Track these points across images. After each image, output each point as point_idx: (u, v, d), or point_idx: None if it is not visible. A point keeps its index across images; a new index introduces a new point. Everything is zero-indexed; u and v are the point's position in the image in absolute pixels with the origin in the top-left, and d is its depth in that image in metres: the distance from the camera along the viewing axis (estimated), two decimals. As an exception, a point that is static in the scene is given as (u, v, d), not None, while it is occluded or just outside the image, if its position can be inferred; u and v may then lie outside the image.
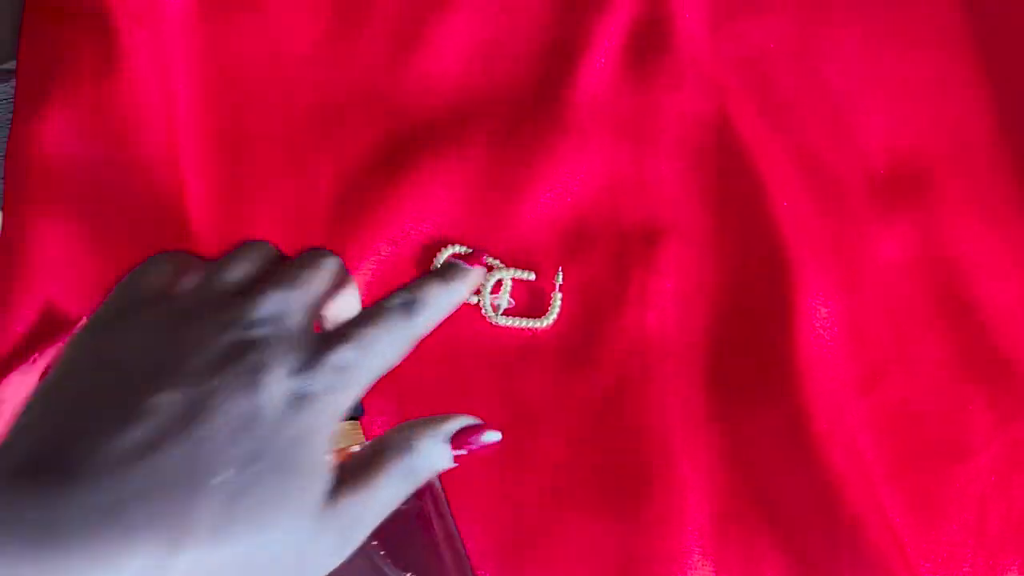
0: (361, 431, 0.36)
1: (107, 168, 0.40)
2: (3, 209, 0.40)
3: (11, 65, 0.44)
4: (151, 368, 0.24)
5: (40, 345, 0.37)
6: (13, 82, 0.43)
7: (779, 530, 0.40)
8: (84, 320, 0.30)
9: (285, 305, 0.26)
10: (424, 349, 0.35)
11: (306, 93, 0.45)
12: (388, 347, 0.27)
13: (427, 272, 0.30)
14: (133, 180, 0.40)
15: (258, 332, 0.25)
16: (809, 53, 0.46)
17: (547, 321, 0.42)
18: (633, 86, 0.46)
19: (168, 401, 0.23)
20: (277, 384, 0.24)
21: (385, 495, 0.26)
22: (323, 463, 0.25)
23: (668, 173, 0.44)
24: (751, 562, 0.40)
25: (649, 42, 0.46)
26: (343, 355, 0.25)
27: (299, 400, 0.25)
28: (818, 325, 0.41)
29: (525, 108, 0.45)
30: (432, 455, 0.27)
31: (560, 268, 0.43)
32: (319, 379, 0.25)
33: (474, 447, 0.27)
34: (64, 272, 0.39)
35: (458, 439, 0.27)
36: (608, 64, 0.46)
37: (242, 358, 0.24)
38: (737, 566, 0.40)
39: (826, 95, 0.45)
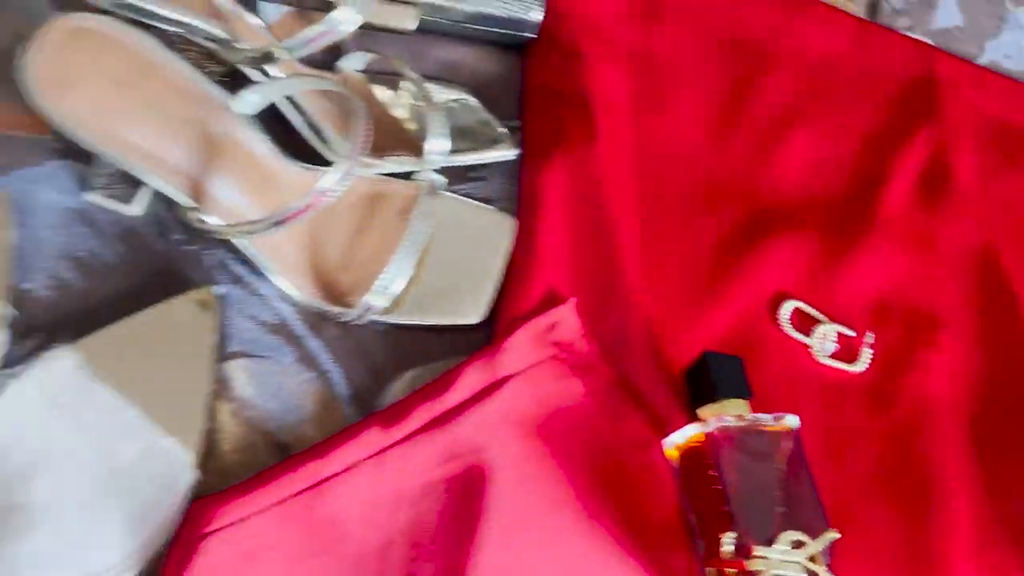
0: (747, 408, 0.50)
1: (586, 204, 0.56)
2: (518, 218, 0.56)
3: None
4: None
5: (540, 312, 0.52)
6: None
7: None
8: None
9: None
10: (768, 373, 0.51)
11: (697, 172, 0.61)
12: None
13: None
14: (606, 216, 0.56)
15: None
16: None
17: (858, 367, 0.57)
18: (922, 210, 0.62)
19: None
20: None
21: None
22: None
23: (947, 278, 0.60)
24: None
25: (935, 180, 0.63)
26: None
27: None
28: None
29: (846, 209, 0.61)
30: None
31: (869, 331, 0.58)
32: None
33: None
34: (559, 265, 0.54)
35: None
36: (904, 190, 0.62)
37: None
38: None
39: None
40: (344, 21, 0.49)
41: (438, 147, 0.54)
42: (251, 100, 0.49)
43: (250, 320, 0.49)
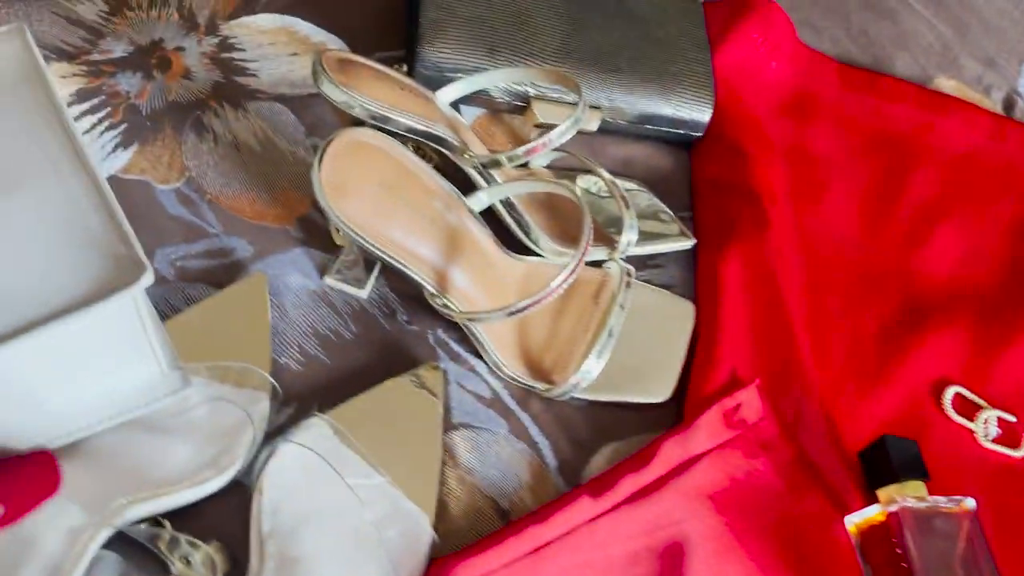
0: (926, 491, 0.54)
1: (760, 289, 0.61)
2: (698, 303, 0.61)
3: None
4: None
5: (726, 393, 0.56)
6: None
7: None
8: None
9: None
10: (936, 455, 0.54)
11: (853, 260, 0.66)
12: None
13: None
14: (780, 301, 0.61)
15: None
16: None
17: (1021, 452, 0.60)
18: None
19: None
20: None
21: None
22: None
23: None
24: None
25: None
26: None
27: None
28: None
29: (998, 297, 0.66)
30: None
31: (1031, 417, 0.61)
32: None
33: None
34: (740, 347, 0.59)
35: None
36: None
37: None
38: None
39: None
40: (562, 135, 0.56)
41: (630, 239, 0.59)
42: (482, 199, 0.55)
43: (468, 394, 0.55)
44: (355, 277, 0.57)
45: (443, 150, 0.58)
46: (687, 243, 0.64)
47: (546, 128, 0.60)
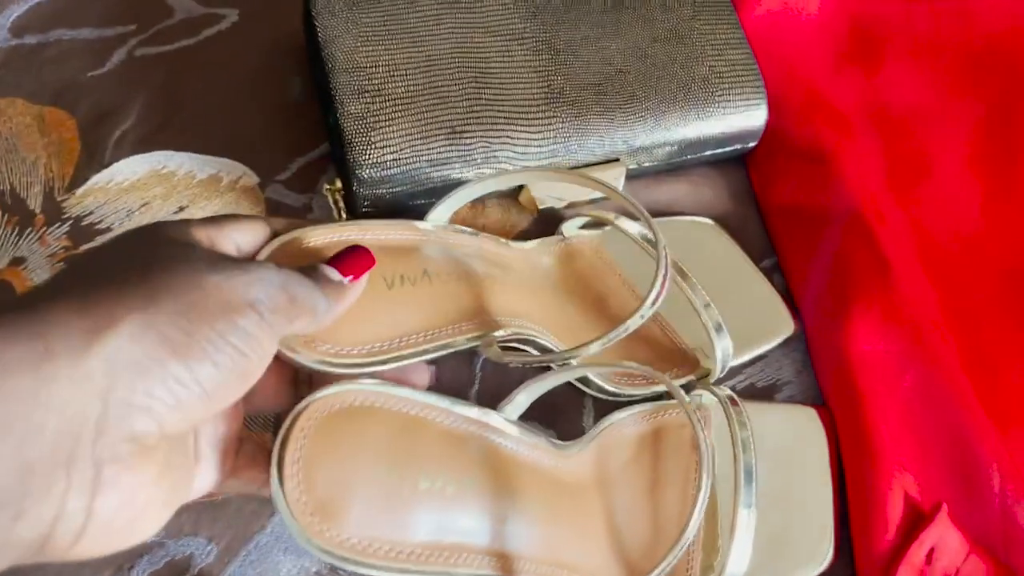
0: None
1: (910, 364, 0.44)
2: (827, 402, 0.44)
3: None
4: None
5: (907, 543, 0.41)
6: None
7: None
8: None
9: None
10: None
11: (988, 254, 0.48)
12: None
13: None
14: (939, 374, 0.44)
15: None
16: None
17: None
18: None
19: None
20: None
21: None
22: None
23: None
24: None
25: None
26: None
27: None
28: None
29: None
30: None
31: None
32: None
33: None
34: (904, 458, 0.43)
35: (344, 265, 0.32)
36: None
37: None
38: None
39: None
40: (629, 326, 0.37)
41: (723, 353, 0.42)
42: (520, 401, 0.38)
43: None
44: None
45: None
46: (790, 327, 0.47)
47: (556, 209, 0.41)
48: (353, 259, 0.33)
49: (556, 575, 0.37)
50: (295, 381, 0.35)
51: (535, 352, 0.42)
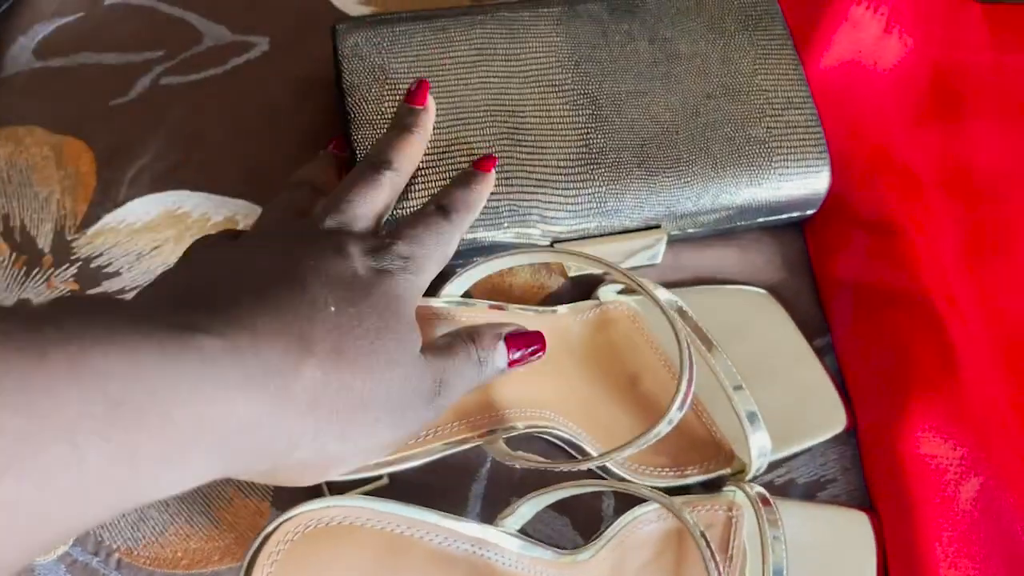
0: None
1: (971, 462, 0.39)
2: (878, 507, 0.40)
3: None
4: (247, 252, 0.32)
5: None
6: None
7: None
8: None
9: (347, 217, 0.34)
10: None
11: None
12: (434, 241, 0.35)
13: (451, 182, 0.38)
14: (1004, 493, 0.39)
15: (328, 228, 0.33)
16: None
17: None
18: None
19: (271, 261, 0.30)
20: (359, 258, 0.32)
21: (460, 372, 0.33)
22: (411, 324, 0.32)
23: None
24: None
25: None
26: (401, 247, 0.33)
27: (379, 273, 0.32)
28: None
29: None
30: (491, 352, 0.34)
31: None
32: (389, 261, 0.32)
33: (525, 353, 0.35)
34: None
35: (511, 343, 0.35)
36: None
37: (326, 239, 0.32)
38: None
39: None
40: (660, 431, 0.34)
41: (761, 450, 0.38)
42: (524, 512, 0.35)
43: None
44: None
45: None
46: (842, 422, 0.42)
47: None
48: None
49: None
50: None
51: (540, 459, 0.38)
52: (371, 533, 0.30)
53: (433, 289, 0.38)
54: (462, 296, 0.41)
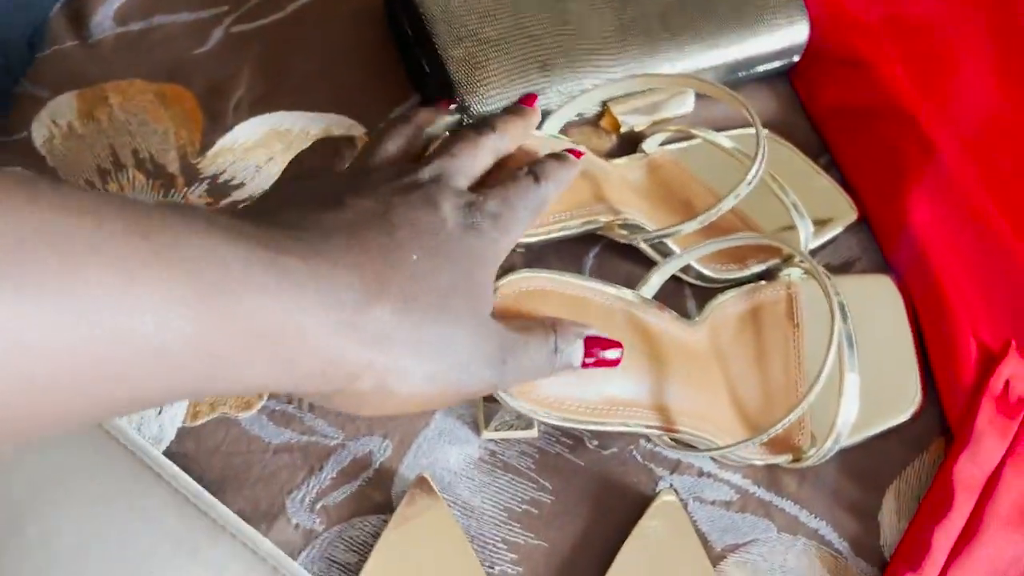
0: None
1: (962, 227, 0.50)
2: (900, 271, 0.51)
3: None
4: (347, 188, 0.32)
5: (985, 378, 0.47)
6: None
7: None
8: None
9: (447, 169, 0.34)
10: None
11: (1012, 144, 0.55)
12: (523, 203, 0.35)
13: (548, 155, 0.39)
14: (989, 228, 0.51)
15: (426, 178, 0.33)
16: None
17: None
18: None
19: (364, 203, 0.31)
20: (450, 212, 0.32)
21: (532, 353, 0.34)
22: (488, 285, 0.33)
23: None
24: None
25: None
26: (492, 206, 0.34)
27: (468, 228, 0.32)
28: None
29: None
30: (569, 346, 0.35)
31: None
32: (480, 218, 0.33)
33: (600, 356, 0.36)
34: (970, 304, 0.49)
35: (590, 343, 0.36)
36: None
37: (419, 189, 0.32)
38: None
39: None
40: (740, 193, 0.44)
41: (806, 235, 0.48)
42: (654, 282, 0.44)
43: (711, 506, 0.45)
44: (517, 421, 0.45)
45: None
46: (853, 213, 0.53)
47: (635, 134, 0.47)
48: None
49: (701, 427, 0.42)
50: None
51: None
52: (556, 295, 0.39)
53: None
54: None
